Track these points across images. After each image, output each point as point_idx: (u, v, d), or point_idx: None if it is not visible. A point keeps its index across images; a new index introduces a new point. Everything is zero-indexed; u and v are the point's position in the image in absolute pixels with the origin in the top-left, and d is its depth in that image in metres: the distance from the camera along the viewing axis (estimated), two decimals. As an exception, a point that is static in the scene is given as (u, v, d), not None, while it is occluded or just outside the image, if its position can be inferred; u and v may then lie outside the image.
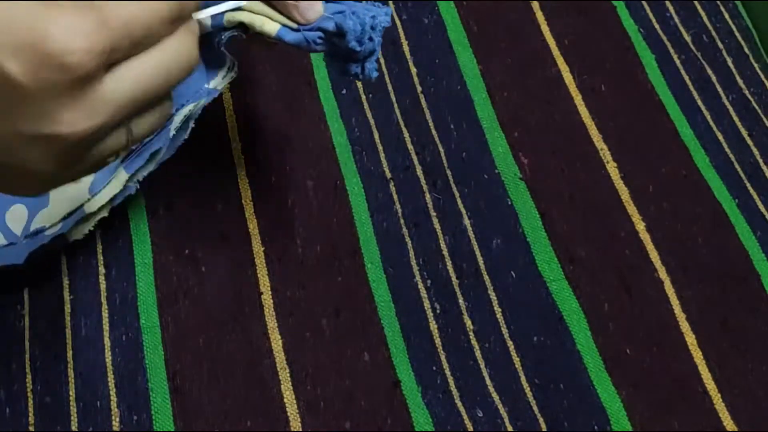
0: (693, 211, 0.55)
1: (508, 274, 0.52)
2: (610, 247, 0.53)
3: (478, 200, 0.54)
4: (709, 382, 0.49)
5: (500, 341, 0.50)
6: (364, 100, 0.58)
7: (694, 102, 0.60)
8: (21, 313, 0.50)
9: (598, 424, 0.48)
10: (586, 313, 0.51)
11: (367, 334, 0.49)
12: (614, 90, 0.60)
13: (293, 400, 0.47)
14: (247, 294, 0.50)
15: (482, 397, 0.48)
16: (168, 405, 0.47)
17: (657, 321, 0.51)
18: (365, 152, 0.56)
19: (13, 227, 0.50)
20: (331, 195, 0.53)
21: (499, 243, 0.53)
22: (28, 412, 0.46)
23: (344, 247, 0.52)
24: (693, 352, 0.50)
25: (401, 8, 0.62)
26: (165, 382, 0.48)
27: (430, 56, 0.60)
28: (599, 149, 0.57)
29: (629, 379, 0.49)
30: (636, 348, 0.50)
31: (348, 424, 0.47)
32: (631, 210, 0.55)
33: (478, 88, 0.59)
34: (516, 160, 0.56)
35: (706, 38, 0.64)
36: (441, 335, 0.50)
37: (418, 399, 0.48)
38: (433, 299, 0.51)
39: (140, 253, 0.51)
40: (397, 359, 0.49)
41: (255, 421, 0.47)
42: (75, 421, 0.46)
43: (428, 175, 0.55)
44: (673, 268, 0.53)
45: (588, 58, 0.61)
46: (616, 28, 0.63)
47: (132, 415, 0.47)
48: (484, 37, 0.61)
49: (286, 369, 0.48)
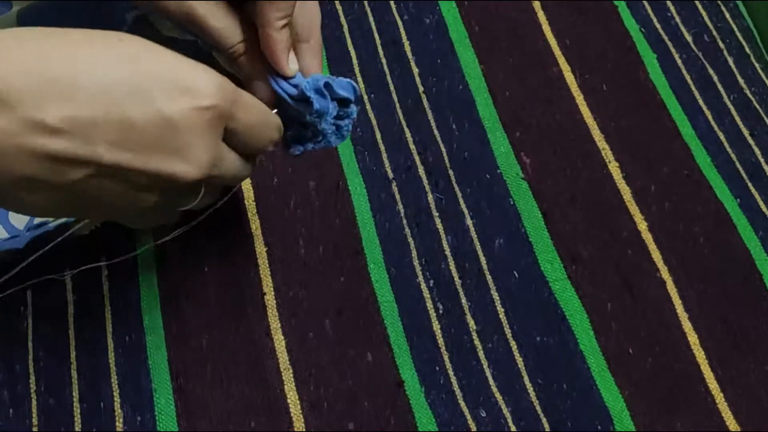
0: (695, 210, 0.55)
1: (511, 274, 0.52)
2: (612, 247, 0.53)
3: (480, 200, 0.54)
4: (711, 381, 0.49)
5: (503, 341, 0.50)
6: (366, 100, 0.58)
7: (696, 102, 0.60)
8: (24, 314, 0.50)
9: (601, 424, 0.48)
10: (589, 313, 0.51)
11: (369, 334, 0.50)
12: (616, 90, 0.60)
13: (296, 401, 0.47)
14: (250, 294, 0.50)
15: (485, 397, 0.48)
16: (171, 405, 0.47)
17: (659, 320, 0.51)
18: (367, 152, 0.56)
19: (17, 224, 0.50)
20: (333, 195, 0.53)
21: (501, 243, 0.53)
22: (32, 413, 0.46)
23: (346, 248, 0.52)
24: (695, 351, 0.50)
25: (402, 8, 0.62)
26: (168, 383, 0.48)
27: (432, 56, 0.60)
28: (601, 149, 0.57)
29: (632, 379, 0.49)
30: (638, 348, 0.50)
31: (351, 424, 0.47)
32: (633, 210, 0.55)
33: (479, 88, 0.59)
34: (518, 160, 0.56)
35: (707, 38, 0.64)
36: (444, 335, 0.50)
37: (421, 399, 0.48)
38: (436, 299, 0.51)
39: (143, 254, 0.51)
40: (400, 359, 0.49)
41: (258, 421, 0.47)
42: (78, 422, 0.46)
43: (430, 175, 0.55)
44: (675, 267, 0.53)
45: (589, 58, 0.61)
46: (618, 27, 0.63)
47: (135, 415, 0.47)
48: (485, 37, 0.61)
49: (289, 369, 0.48)
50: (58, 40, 0.36)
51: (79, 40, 0.36)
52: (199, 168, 0.37)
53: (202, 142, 0.37)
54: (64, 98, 0.34)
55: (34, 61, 0.34)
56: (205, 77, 0.37)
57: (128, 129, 0.35)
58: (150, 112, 0.36)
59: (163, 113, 0.36)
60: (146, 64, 0.36)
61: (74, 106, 0.34)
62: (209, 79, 0.37)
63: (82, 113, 0.35)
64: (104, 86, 0.35)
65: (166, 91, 0.36)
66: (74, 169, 0.36)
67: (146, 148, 0.36)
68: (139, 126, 0.35)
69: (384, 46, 0.60)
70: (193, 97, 0.36)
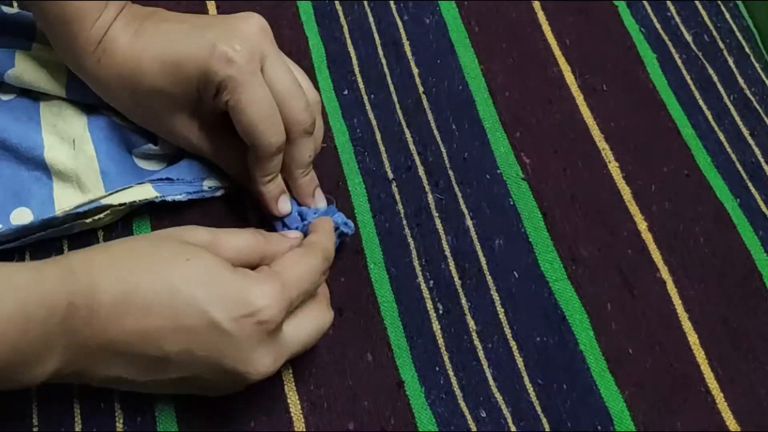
0: (695, 210, 0.55)
1: (511, 274, 0.52)
2: (612, 247, 0.53)
3: (480, 200, 0.54)
4: (711, 381, 0.49)
5: (503, 341, 0.50)
6: (366, 100, 0.58)
7: (696, 101, 0.60)
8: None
9: (601, 424, 0.48)
10: (589, 313, 0.51)
11: (370, 334, 0.50)
12: (616, 90, 0.60)
13: (297, 401, 0.47)
14: (250, 294, 0.50)
15: (485, 397, 0.48)
16: (171, 405, 0.47)
17: (659, 320, 0.51)
18: (367, 152, 0.56)
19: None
20: (333, 195, 0.53)
21: (501, 243, 0.53)
22: (32, 413, 0.46)
23: (347, 248, 0.52)
24: (695, 351, 0.50)
25: (402, 9, 0.62)
26: (168, 383, 0.48)
27: (432, 56, 0.60)
28: (601, 149, 0.57)
29: (632, 379, 0.49)
30: (638, 347, 0.50)
31: (352, 424, 0.47)
32: (633, 210, 0.55)
33: (479, 88, 0.59)
34: (518, 160, 0.56)
35: (707, 38, 0.64)
36: (444, 335, 0.50)
37: (421, 399, 0.48)
38: (436, 299, 0.51)
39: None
40: (401, 359, 0.49)
41: (259, 420, 0.47)
42: (79, 422, 0.46)
43: (430, 176, 0.55)
44: (675, 267, 0.53)
45: (589, 58, 0.61)
46: (618, 27, 0.63)
47: (136, 415, 0.47)
48: (485, 37, 0.61)
49: (289, 369, 0.48)
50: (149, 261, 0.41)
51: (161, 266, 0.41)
52: (265, 368, 0.42)
53: (262, 348, 0.41)
54: (139, 315, 0.40)
55: (125, 279, 0.40)
56: (260, 292, 0.41)
57: (193, 339, 0.40)
58: (211, 325, 0.40)
59: (221, 326, 0.40)
60: (211, 284, 0.41)
61: (149, 318, 0.40)
62: (265, 293, 0.41)
63: (153, 324, 0.40)
64: (171, 301, 0.40)
65: (226, 306, 0.40)
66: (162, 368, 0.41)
67: (212, 355, 0.41)
68: (201, 337, 0.40)
69: (384, 46, 0.60)
70: (251, 314, 0.40)
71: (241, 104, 0.46)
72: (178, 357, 0.40)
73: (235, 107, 0.46)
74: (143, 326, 0.40)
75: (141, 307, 0.39)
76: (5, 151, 0.52)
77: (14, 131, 0.51)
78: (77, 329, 0.39)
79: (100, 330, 0.39)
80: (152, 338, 0.40)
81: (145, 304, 0.40)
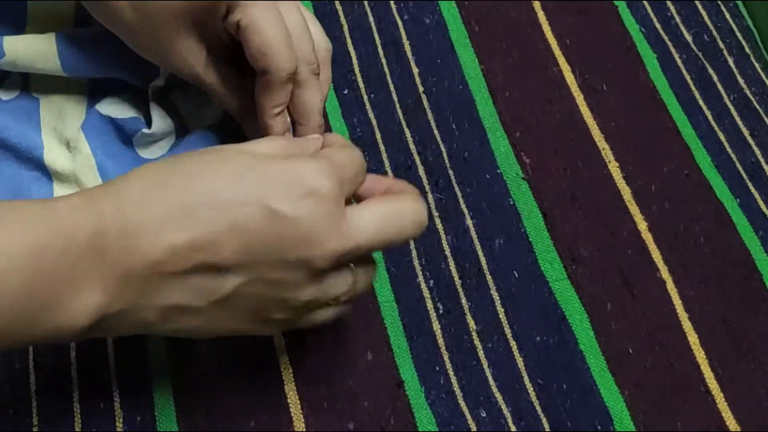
0: (695, 210, 0.55)
1: (511, 274, 0.52)
2: (612, 247, 0.53)
3: (480, 200, 0.54)
4: (711, 381, 0.49)
5: (503, 341, 0.50)
6: (366, 100, 0.58)
7: (696, 101, 0.60)
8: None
9: (601, 424, 0.48)
10: (589, 313, 0.51)
11: (370, 333, 0.50)
12: (616, 90, 0.60)
13: (297, 400, 0.47)
14: (250, 294, 0.50)
15: (485, 397, 0.48)
16: (171, 405, 0.47)
17: (659, 320, 0.51)
18: (367, 152, 0.56)
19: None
20: (333, 195, 0.53)
21: (501, 243, 0.53)
22: (32, 413, 0.46)
23: (347, 247, 0.52)
24: (695, 351, 0.50)
25: (402, 8, 0.62)
26: (168, 383, 0.48)
27: (432, 56, 0.60)
28: (601, 149, 0.57)
29: (632, 379, 0.49)
30: (638, 347, 0.50)
31: (351, 424, 0.47)
32: (633, 209, 0.55)
33: (479, 88, 0.59)
34: (518, 160, 0.56)
35: (707, 38, 0.64)
36: (444, 335, 0.50)
37: (421, 399, 0.48)
38: (436, 299, 0.51)
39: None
40: (400, 359, 0.49)
41: (259, 420, 0.47)
42: (78, 422, 0.46)
43: (430, 175, 0.55)
44: (675, 267, 0.53)
45: (589, 58, 0.61)
46: (618, 27, 0.63)
47: (136, 415, 0.47)
48: (485, 36, 0.61)
49: (289, 368, 0.48)
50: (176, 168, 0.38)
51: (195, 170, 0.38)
52: (332, 247, 0.38)
53: (325, 225, 0.38)
54: (183, 224, 0.37)
55: (155, 192, 0.37)
56: (310, 170, 0.38)
57: (250, 237, 0.37)
58: (270, 215, 0.37)
59: (280, 212, 0.37)
60: (259, 174, 0.38)
61: (195, 227, 0.37)
62: (315, 169, 0.38)
63: (201, 232, 0.37)
64: (217, 202, 0.37)
65: (281, 191, 0.38)
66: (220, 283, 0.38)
67: (272, 250, 0.38)
68: (260, 231, 0.37)
69: (384, 46, 0.60)
70: (309, 193, 0.38)
71: (255, 23, 0.44)
72: (235, 261, 0.37)
73: (249, 26, 0.44)
74: (191, 236, 0.36)
75: (182, 217, 0.37)
76: (5, 150, 0.52)
77: (14, 131, 0.51)
78: (114, 256, 0.36)
79: (142, 253, 0.36)
80: (204, 247, 0.37)
81: (187, 213, 0.37)
